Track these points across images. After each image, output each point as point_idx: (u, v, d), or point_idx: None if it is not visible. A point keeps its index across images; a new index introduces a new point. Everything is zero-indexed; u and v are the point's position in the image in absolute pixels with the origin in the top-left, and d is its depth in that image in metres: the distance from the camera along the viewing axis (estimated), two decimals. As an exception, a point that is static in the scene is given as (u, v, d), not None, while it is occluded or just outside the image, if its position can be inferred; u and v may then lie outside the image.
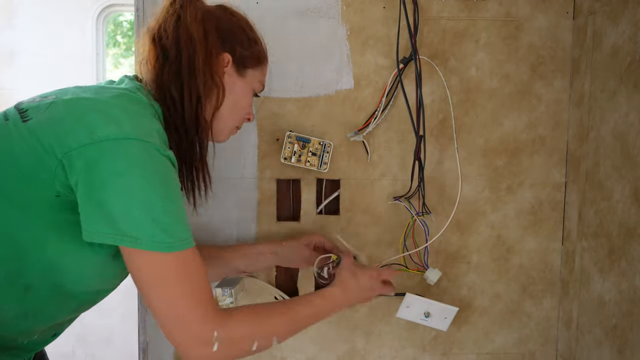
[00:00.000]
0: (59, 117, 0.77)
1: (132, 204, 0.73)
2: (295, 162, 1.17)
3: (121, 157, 0.73)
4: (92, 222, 0.74)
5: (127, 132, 0.75)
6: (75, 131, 0.75)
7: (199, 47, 0.88)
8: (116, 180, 0.73)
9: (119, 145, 0.74)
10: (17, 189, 0.76)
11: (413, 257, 1.21)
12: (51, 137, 0.75)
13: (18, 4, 2.70)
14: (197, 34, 0.89)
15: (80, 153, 0.73)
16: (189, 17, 0.89)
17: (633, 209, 1.01)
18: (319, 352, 1.26)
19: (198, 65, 0.88)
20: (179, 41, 0.88)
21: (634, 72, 1.01)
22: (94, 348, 2.71)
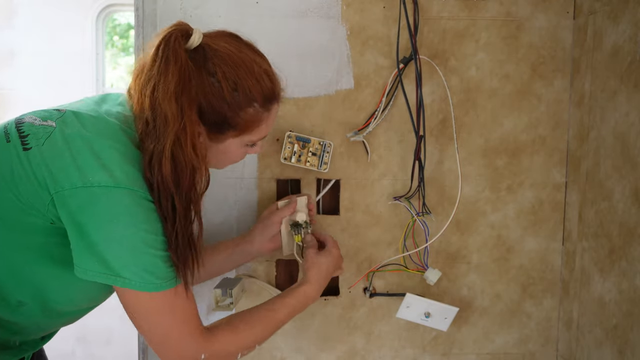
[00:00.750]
0: (55, 153, 0.79)
1: (122, 250, 0.77)
2: (295, 162, 1.17)
3: (111, 205, 0.77)
4: (84, 261, 0.78)
5: (118, 181, 0.77)
6: (68, 172, 0.77)
7: (172, 128, 0.80)
8: (107, 226, 0.77)
9: (109, 192, 0.76)
10: (13, 213, 0.79)
11: (413, 257, 1.21)
12: (45, 172, 0.77)
13: (18, 4, 2.70)
14: (172, 114, 0.80)
15: (72, 194, 0.76)
16: (162, 94, 0.80)
17: (633, 209, 1.01)
18: (319, 352, 1.26)
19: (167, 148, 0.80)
20: (155, 116, 0.81)
21: (635, 72, 1.01)
22: (94, 348, 2.71)
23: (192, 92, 0.82)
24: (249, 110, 0.87)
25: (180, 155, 0.81)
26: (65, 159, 0.78)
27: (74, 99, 0.95)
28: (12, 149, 0.80)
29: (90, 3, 2.72)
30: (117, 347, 2.70)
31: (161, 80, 0.81)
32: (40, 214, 0.78)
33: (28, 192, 0.78)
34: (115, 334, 2.68)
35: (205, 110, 0.84)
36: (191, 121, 0.81)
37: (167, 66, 0.81)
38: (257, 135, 0.92)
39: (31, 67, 2.71)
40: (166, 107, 0.80)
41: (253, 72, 0.86)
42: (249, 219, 1.21)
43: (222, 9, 1.17)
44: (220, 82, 0.84)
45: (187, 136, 0.81)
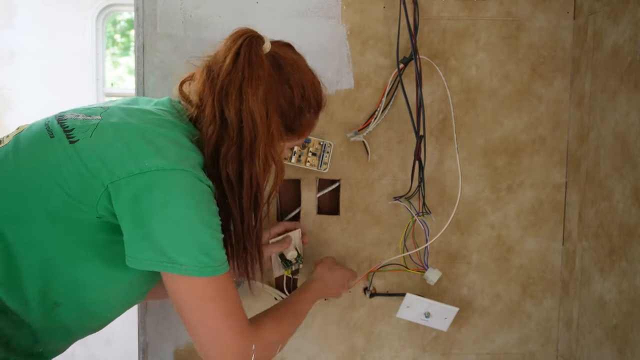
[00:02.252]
0: (106, 143, 0.79)
1: (180, 232, 0.76)
2: (295, 162, 1.17)
3: (168, 187, 0.76)
4: (138, 250, 0.76)
5: (173, 163, 0.77)
6: (123, 160, 0.77)
7: (261, 130, 0.84)
8: (164, 210, 0.75)
9: (166, 176, 0.76)
10: (60, 208, 0.78)
11: (413, 257, 1.21)
12: (98, 162, 0.77)
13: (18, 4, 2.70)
14: (260, 116, 0.83)
15: (128, 183, 0.76)
16: (251, 97, 0.83)
17: (633, 209, 1.01)
18: (319, 352, 1.26)
19: (260, 149, 0.84)
20: (240, 118, 0.83)
21: (635, 72, 1.01)
22: (94, 348, 2.71)
23: (274, 97, 0.86)
24: (307, 115, 0.93)
25: (271, 157, 0.86)
26: (117, 148, 0.78)
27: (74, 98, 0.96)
28: (57, 143, 0.80)
29: (90, 3, 2.71)
30: (117, 347, 2.70)
31: (247, 83, 0.83)
32: (89, 207, 0.77)
33: (78, 185, 0.77)
34: (115, 334, 2.68)
35: (282, 115, 0.89)
36: (277, 124, 0.86)
37: (253, 70, 0.83)
38: (302, 139, 0.97)
39: (31, 67, 2.71)
40: (255, 110, 0.83)
41: (313, 81, 0.93)
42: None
43: (222, 9, 1.17)
44: (292, 89, 0.89)
45: (275, 139, 0.86)
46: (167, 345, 1.23)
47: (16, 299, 0.81)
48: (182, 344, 1.23)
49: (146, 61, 1.17)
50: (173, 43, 1.17)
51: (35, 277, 0.80)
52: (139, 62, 1.17)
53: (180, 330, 1.23)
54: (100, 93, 2.79)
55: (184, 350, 1.24)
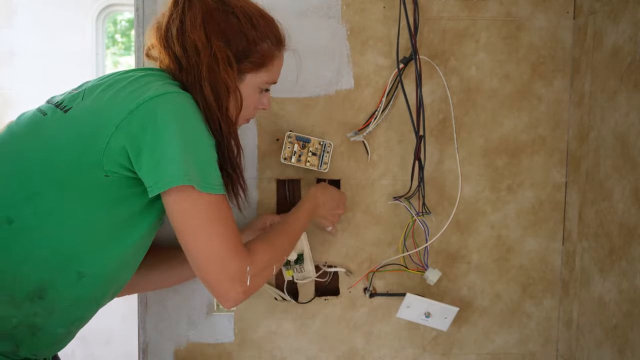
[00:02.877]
0: (99, 97, 0.85)
1: (189, 146, 0.81)
2: (295, 162, 1.17)
3: (168, 106, 0.81)
4: (157, 172, 0.81)
5: (165, 89, 0.83)
6: (118, 103, 0.82)
7: (203, 54, 0.89)
8: (171, 125, 0.81)
9: (163, 98, 0.82)
10: (68, 176, 0.82)
11: (413, 257, 1.21)
12: (97, 116, 0.82)
13: (18, 4, 2.70)
14: (201, 42, 0.89)
15: (131, 119, 0.80)
16: (190, 27, 0.89)
17: (633, 209, 1.01)
18: (319, 352, 1.26)
19: (203, 73, 0.89)
20: (185, 49, 0.89)
21: (635, 72, 1.01)
22: (94, 348, 2.71)
23: (215, 24, 0.90)
24: (264, 45, 0.95)
25: (215, 79, 0.89)
26: (110, 96, 0.83)
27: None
28: (50, 118, 0.86)
29: (90, 3, 2.71)
30: (117, 347, 2.70)
31: (187, 16, 0.89)
32: (95, 167, 0.81)
33: (79, 149, 0.81)
34: (115, 334, 2.68)
35: (229, 41, 0.92)
36: (219, 48, 0.89)
37: (191, 3, 0.90)
38: (270, 75, 0.98)
39: (31, 67, 2.71)
40: (195, 37, 0.88)
41: (264, 16, 0.96)
42: (248, 219, 1.21)
43: (222, 9, 1.17)
44: (239, 18, 0.92)
45: (219, 60, 0.89)
46: (167, 345, 1.23)
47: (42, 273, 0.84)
48: (182, 343, 1.24)
49: (146, 61, 1.17)
50: (173, 43, 1.17)
51: (56, 249, 0.83)
52: (139, 62, 1.17)
53: (180, 330, 1.23)
54: (100, 93, 2.79)
55: (184, 350, 1.24)
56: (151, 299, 1.22)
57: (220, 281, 0.84)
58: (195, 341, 1.24)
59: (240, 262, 0.85)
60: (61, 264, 0.84)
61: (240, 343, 1.24)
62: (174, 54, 0.91)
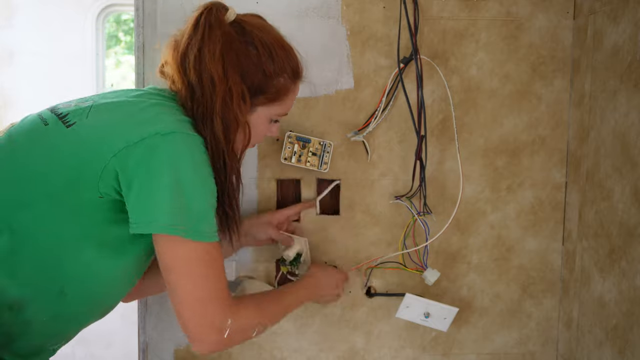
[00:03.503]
0: (103, 120, 0.82)
1: (183, 192, 0.79)
2: (296, 162, 1.17)
3: (170, 149, 0.79)
4: (141, 213, 0.79)
5: (172, 127, 0.80)
6: (122, 132, 0.79)
7: (219, 88, 0.86)
8: (167, 170, 0.78)
9: (166, 139, 0.79)
10: (62, 191, 0.80)
11: (412, 257, 1.21)
12: (97, 140, 0.80)
13: (18, 4, 2.70)
14: (217, 75, 0.86)
15: (130, 152, 0.78)
16: (208, 57, 0.86)
17: (633, 209, 1.01)
18: (319, 352, 1.26)
19: (217, 107, 0.87)
20: (201, 79, 0.87)
21: (634, 72, 1.01)
22: (94, 348, 2.71)
23: (234, 56, 0.88)
24: (280, 79, 0.93)
25: (228, 113, 0.87)
26: (115, 122, 0.81)
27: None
28: (53, 128, 0.83)
29: (90, 3, 2.71)
30: (117, 349, 2.69)
31: (206, 45, 0.86)
32: (91, 186, 0.79)
33: (77, 166, 0.80)
34: (116, 335, 2.67)
35: (245, 74, 0.90)
36: (235, 82, 0.88)
37: (212, 31, 0.87)
38: (282, 108, 0.97)
39: (31, 67, 2.71)
40: (212, 69, 0.86)
41: (284, 47, 0.94)
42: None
43: (222, 9, 1.17)
44: (257, 50, 0.90)
45: (233, 96, 0.87)
46: (167, 345, 1.23)
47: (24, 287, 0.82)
48: (182, 344, 1.23)
49: (146, 61, 1.17)
50: (173, 43, 1.17)
51: (41, 264, 0.82)
52: (139, 62, 1.17)
53: (180, 330, 1.23)
54: (100, 93, 2.79)
55: (184, 350, 1.24)
56: (151, 299, 1.22)
57: (199, 324, 0.82)
58: (195, 341, 1.24)
59: (223, 310, 0.83)
60: (44, 280, 0.83)
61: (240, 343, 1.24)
62: (188, 81, 0.88)
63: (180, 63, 0.89)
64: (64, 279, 0.84)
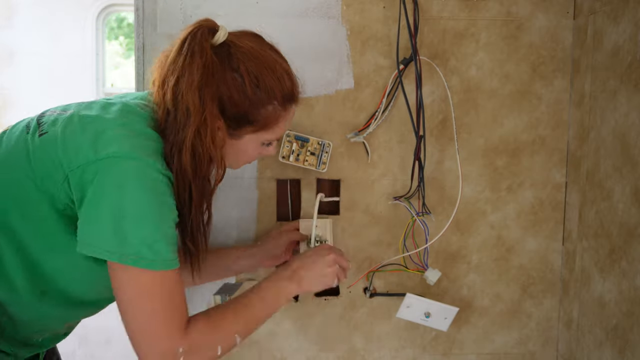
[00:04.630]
0: (70, 133, 0.81)
1: (125, 219, 0.76)
2: (294, 161, 1.17)
3: (119, 173, 0.76)
4: (84, 234, 0.78)
5: (127, 151, 0.77)
6: (83, 149, 0.78)
7: (193, 119, 0.82)
8: (112, 194, 0.76)
9: (118, 162, 0.76)
10: (30, 200, 0.80)
11: (413, 257, 1.21)
12: (61, 152, 0.79)
13: (18, 4, 2.70)
14: (193, 105, 0.82)
15: (84, 170, 0.77)
16: (185, 85, 0.82)
17: (633, 209, 1.01)
18: (319, 352, 1.26)
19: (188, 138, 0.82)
20: (176, 107, 0.83)
21: (635, 72, 1.01)
22: (94, 348, 2.71)
23: (214, 86, 0.84)
24: (269, 107, 0.89)
25: (199, 147, 0.83)
26: (79, 137, 0.79)
27: (74, 99, 0.96)
28: (30, 137, 0.83)
29: (90, 3, 2.72)
30: (117, 347, 2.69)
31: (185, 73, 0.82)
32: (54, 197, 0.79)
33: (43, 175, 0.79)
34: (115, 334, 2.68)
35: (227, 104, 0.86)
36: (212, 114, 0.83)
37: (193, 60, 0.83)
38: (273, 134, 0.92)
39: (31, 67, 2.71)
40: (189, 99, 0.82)
41: (275, 71, 0.88)
42: (248, 219, 1.21)
43: (222, 9, 1.17)
44: (243, 78, 0.86)
45: (208, 129, 0.83)
46: (167, 345, 1.23)
47: (8, 290, 0.84)
48: (182, 344, 1.23)
49: (146, 61, 1.17)
50: (173, 43, 1.17)
51: (19, 267, 0.83)
52: (139, 62, 1.17)
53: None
54: (100, 93, 2.79)
55: (184, 350, 1.24)
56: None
57: (149, 354, 0.79)
58: (195, 341, 1.24)
59: (171, 342, 0.79)
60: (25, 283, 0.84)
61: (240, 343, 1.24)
62: (165, 105, 0.85)
63: (161, 85, 0.85)
64: (44, 282, 0.85)
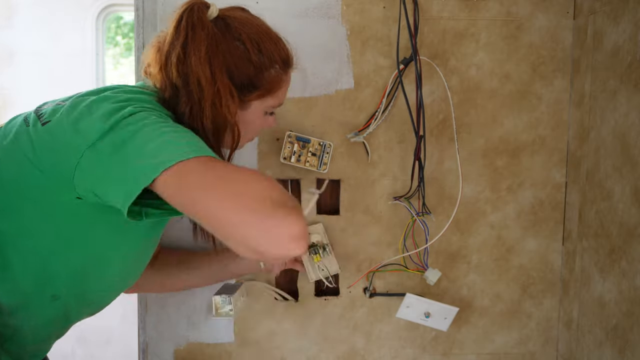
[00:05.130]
0: (77, 114, 0.78)
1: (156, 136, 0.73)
2: (295, 162, 1.17)
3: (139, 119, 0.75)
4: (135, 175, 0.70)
5: (144, 107, 0.79)
6: (94, 123, 0.75)
7: (207, 90, 0.84)
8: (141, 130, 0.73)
9: (137, 114, 0.76)
10: (41, 193, 0.78)
11: (413, 257, 1.21)
12: (71, 134, 0.76)
13: (18, 4, 2.70)
14: (205, 76, 0.84)
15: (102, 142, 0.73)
16: (193, 59, 0.83)
17: (633, 209, 1.01)
18: (319, 352, 1.26)
19: (207, 109, 0.84)
20: (187, 82, 0.84)
21: (634, 72, 1.01)
22: (94, 348, 2.70)
23: (220, 57, 0.85)
24: (272, 71, 0.91)
25: (217, 116, 0.85)
26: (87, 115, 0.77)
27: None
28: (32, 128, 0.81)
29: (90, 3, 2.71)
30: (117, 347, 2.69)
31: (190, 47, 0.83)
32: (67, 186, 0.75)
33: (53, 164, 0.76)
34: (115, 334, 2.68)
35: (234, 72, 0.88)
36: (224, 84, 0.85)
37: (195, 32, 0.84)
38: (277, 99, 0.95)
39: (31, 67, 2.71)
40: (199, 72, 0.83)
41: (272, 37, 0.92)
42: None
43: (222, 9, 1.17)
44: (245, 45, 0.88)
45: (222, 99, 0.85)
46: (167, 345, 1.23)
47: (14, 294, 0.82)
48: (182, 344, 1.23)
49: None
50: (173, 43, 1.17)
51: (29, 270, 0.81)
52: (139, 62, 1.17)
53: (180, 330, 1.23)
54: (100, 93, 2.79)
55: (184, 350, 1.24)
56: (151, 299, 1.22)
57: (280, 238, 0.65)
58: (195, 341, 1.24)
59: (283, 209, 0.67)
60: (35, 287, 0.82)
61: (240, 343, 1.24)
62: (173, 83, 0.85)
63: (164, 65, 0.86)
64: (56, 284, 0.83)
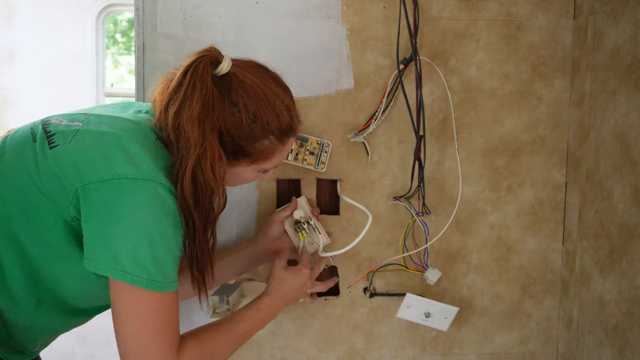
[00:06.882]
0: (82, 149, 0.81)
1: (139, 243, 0.77)
2: (292, 160, 1.17)
3: (136, 196, 0.78)
4: (95, 253, 0.78)
5: (145, 173, 0.79)
6: (96, 165, 0.79)
7: (192, 149, 0.83)
8: (128, 217, 0.77)
9: (136, 184, 0.78)
10: (37, 209, 0.81)
11: (413, 257, 1.21)
12: (72, 167, 0.80)
13: (18, 4, 2.70)
14: (192, 135, 0.83)
15: (98, 187, 0.78)
16: (186, 115, 0.83)
17: (633, 209, 1.01)
18: (319, 352, 1.26)
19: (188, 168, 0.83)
20: (177, 136, 0.84)
21: (634, 72, 1.01)
22: (93, 348, 2.71)
23: (214, 119, 0.85)
24: (264, 142, 0.90)
25: (200, 178, 0.83)
26: (92, 153, 0.80)
27: (74, 99, 0.97)
28: (39, 147, 0.83)
29: (90, 3, 2.72)
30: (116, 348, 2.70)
31: (186, 104, 0.84)
32: (62, 210, 0.80)
33: (53, 188, 0.80)
34: (115, 334, 2.68)
35: (225, 136, 0.87)
36: (212, 146, 0.84)
37: (193, 92, 0.84)
38: (269, 165, 0.95)
39: (31, 67, 2.71)
40: (189, 130, 0.83)
41: (274, 107, 0.90)
42: (248, 219, 1.21)
43: (222, 9, 1.17)
44: (240, 113, 0.87)
45: (208, 160, 0.84)
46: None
47: (6, 297, 0.84)
48: (182, 344, 1.23)
49: (146, 61, 1.17)
50: (173, 43, 1.17)
51: (18, 275, 0.83)
52: (139, 62, 1.17)
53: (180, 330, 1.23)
54: (100, 93, 2.80)
55: (184, 350, 1.24)
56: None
57: None
58: (195, 341, 1.24)
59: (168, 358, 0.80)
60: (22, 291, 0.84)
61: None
62: (167, 129, 0.86)
63: (164, 109, 0.86)
64: (41, 291, 0.85)
